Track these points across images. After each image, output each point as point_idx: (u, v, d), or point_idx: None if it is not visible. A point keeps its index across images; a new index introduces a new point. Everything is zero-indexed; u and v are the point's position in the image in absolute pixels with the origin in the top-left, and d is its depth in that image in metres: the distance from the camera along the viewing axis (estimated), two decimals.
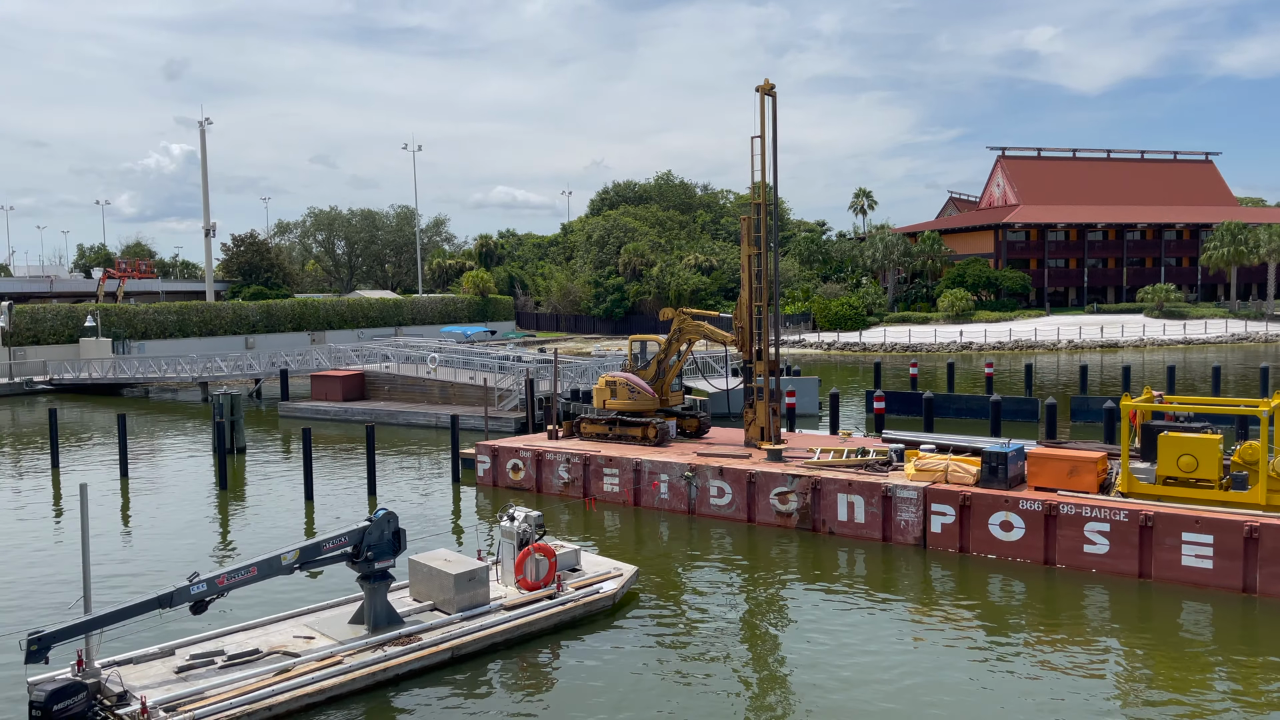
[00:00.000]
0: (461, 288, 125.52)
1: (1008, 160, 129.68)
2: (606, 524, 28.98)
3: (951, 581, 22.92)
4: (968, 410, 45.18)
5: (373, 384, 57.51)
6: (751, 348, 32.06)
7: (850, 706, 16.30)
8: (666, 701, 16.66)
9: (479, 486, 34.22)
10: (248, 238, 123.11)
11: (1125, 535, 22.37)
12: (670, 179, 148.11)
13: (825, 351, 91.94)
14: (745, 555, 25.46)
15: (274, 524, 29.72)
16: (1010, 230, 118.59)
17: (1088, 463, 23.77)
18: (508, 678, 17.85)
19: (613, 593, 20.97)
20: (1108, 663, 18.05)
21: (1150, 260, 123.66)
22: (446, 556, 20.69)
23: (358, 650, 17.81)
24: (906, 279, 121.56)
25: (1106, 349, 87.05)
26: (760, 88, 31.30)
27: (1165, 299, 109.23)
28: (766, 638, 19.80)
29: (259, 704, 15.86)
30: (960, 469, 25.23)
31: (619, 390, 33.75)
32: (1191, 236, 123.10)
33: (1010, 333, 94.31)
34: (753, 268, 31.89)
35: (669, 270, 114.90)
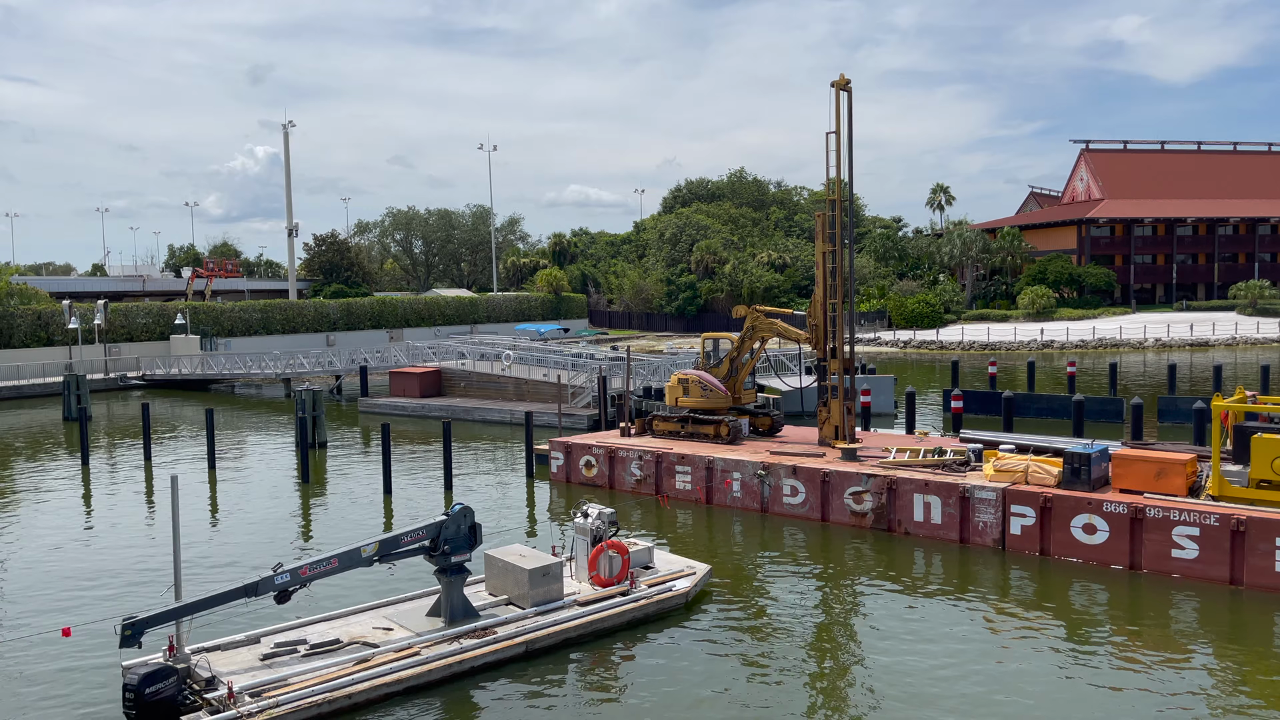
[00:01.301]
0: (535, 286, 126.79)
1: (1092, 153, 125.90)
2: (679, 522, 29.01)
3: (1031, 585, 22.39)
4: (1049, 410, 44.01)
5: (449, 381, 58.46)
6: (826, 345, 31.74)
7: (926, 711, 16.04)
8: (740, 700, 16.63)
9: (552, 482, 34.56)
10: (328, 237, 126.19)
11: (1216, 540, 21.58)
12: (743, 176, 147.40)
13: (901, 350, 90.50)
14: (819, 555, 25.24)
15: (353, 517, 30.45)
16: (1094, 225, 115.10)
17: (1176, 465, 22.99)
18: (581, 673, 18.01)
19: (686, 591, 20.99)
20: (1196, 672, 17.44)
21: (1243, 256, 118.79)
22: (521, 552, 20.95)
23: (434, 642, 18.15)
24: (985, 276, 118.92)
25: (1196, 348, 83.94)
26: (835, 83, 30.95)
27: (1259, 296, 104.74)
28: (841, 638, 19.61)
29: (339, 692, 16.29)
30: (1041, 470, 24.63)
31: (691, 388, 33.74)
32: None
33: (1094, 331, 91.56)
34: (827, 264, 31.57)
35: (741, 267, 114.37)
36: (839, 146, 31.00)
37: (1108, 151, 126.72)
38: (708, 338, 36.50)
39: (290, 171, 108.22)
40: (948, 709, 16.07)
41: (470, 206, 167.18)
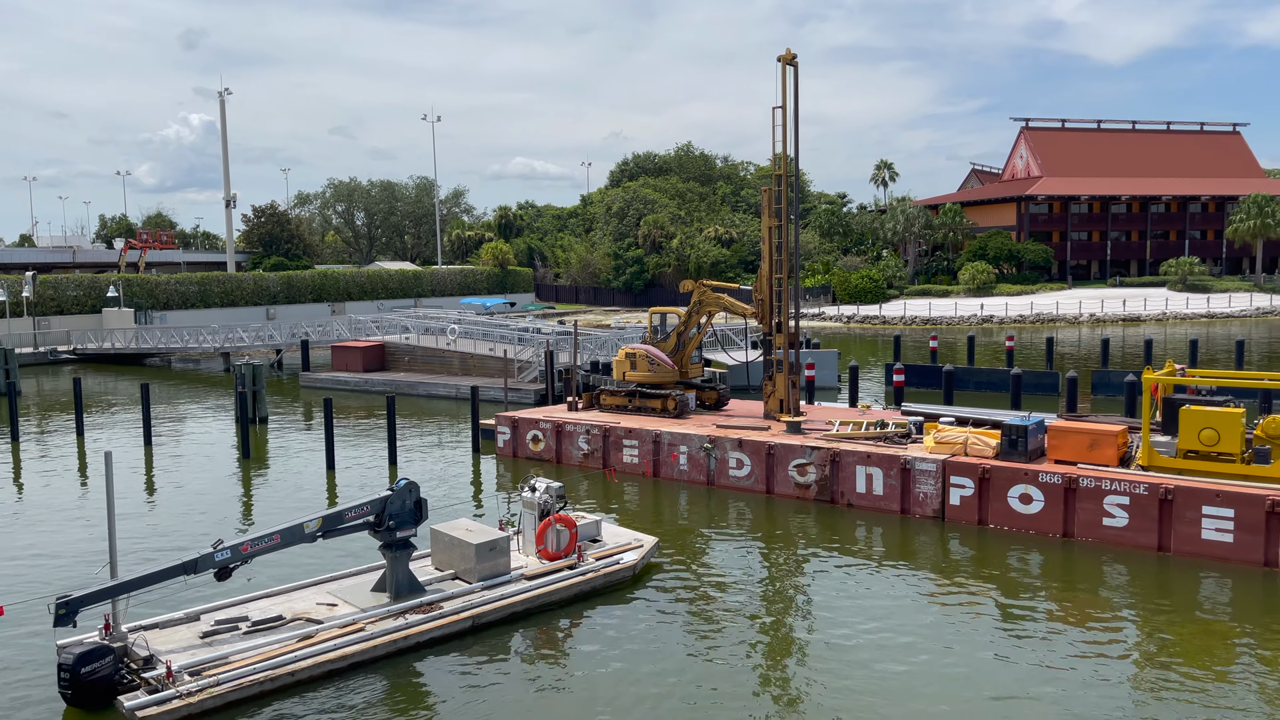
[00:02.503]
0: (480, 259, 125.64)
1: (1031, 131, 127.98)
2: (626, 495, 29.13)
3: (970, 554, 22.94)
4: (988, 384, 44.97)
5: (393, 355, 57.81)
6: (771, 320, 31.98)
7: (868, 678, 16.39)
8: (686, 671, 16.81)
9: (499, 457, 34.44)
10: (268, 209, 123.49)
11: (1145, 509, 22.29)
12: (690, 150, 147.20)
13: (845, 324, 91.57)
14: (764, 527, 25.55)
15: (296, 493, 30.05)
16: (1033, 202, 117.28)
17: (1108, 436, 23.66)
18: (528, 647, 18.05)
19: (633, 564, 21.11)
20: (1125, 635, 18.06)
21: (1174, 233, 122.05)
22: (468, 526, 20.87)
23: (380, 618, 18.04)
24: (927, 252, 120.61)
25: (1129, 322, 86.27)
26: (782, 58, 30.99)
27: (1189, 272, 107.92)
28: (785, 609, 19.90)
29: (282, 669, 16.12)
30: (979, 442, 25.17)
31: (639, 362, 33.79)
32: (1217, 209, 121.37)
33: (1032, 306, 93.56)
34: (773, 240, 31.75)
35: (689, 242, 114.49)
36: (785, 122, 31.10)
37: (1047, 130, 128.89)
38: (655, 312, 36.54)
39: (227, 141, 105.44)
40: (890, 676, 16.43)
41: (414, 178, 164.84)
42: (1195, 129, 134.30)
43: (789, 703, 15.73)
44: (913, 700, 15.59)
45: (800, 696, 15.90)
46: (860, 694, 15.80)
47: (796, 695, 15.96)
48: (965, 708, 15.35)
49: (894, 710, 15.29)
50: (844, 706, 15.41)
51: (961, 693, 15.81)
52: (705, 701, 15.72)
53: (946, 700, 15.58)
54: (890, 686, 16.06)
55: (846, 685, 16.12)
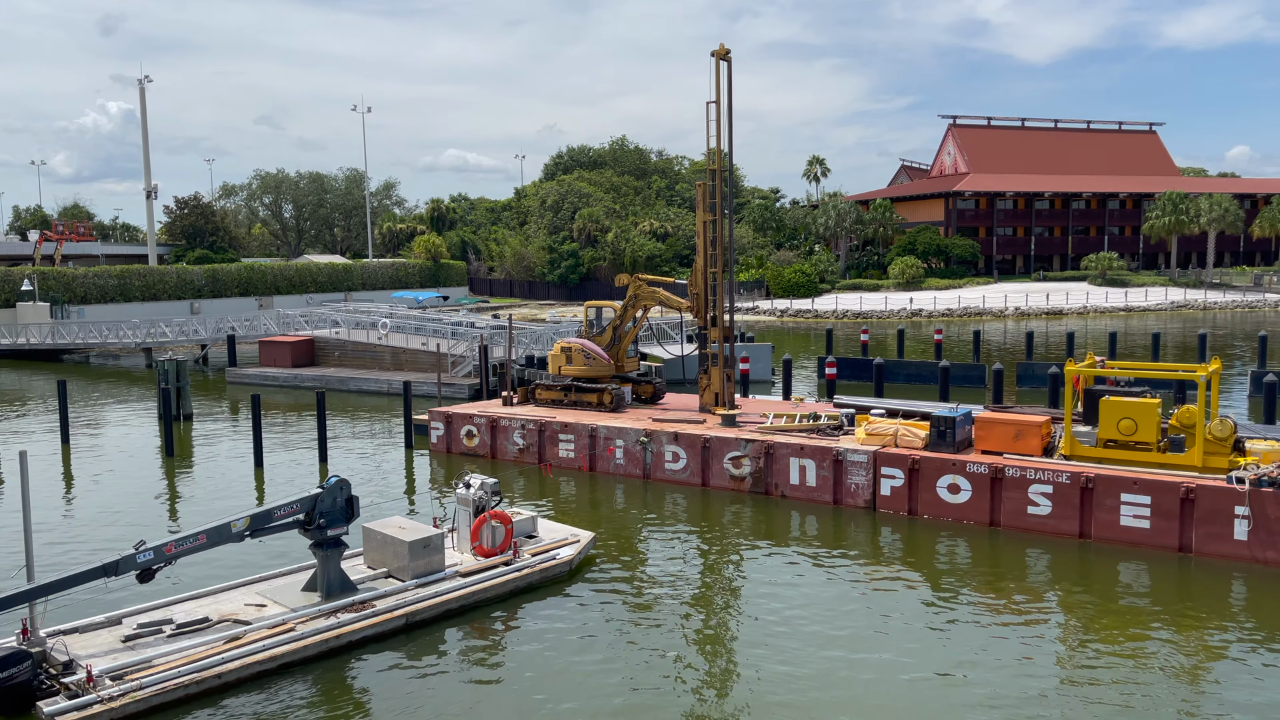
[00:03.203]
0: (413, 253, 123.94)
1: (958, 129, 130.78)
2: (562, 490, 29.04)
3: (900, 543, 23.37)
4: (917, 376, 45.88)
5: (322, 350, 56.76)
6: (706, 314, 32.15)
7: (804, 666, 16.60)
8: (622, 665, 16.83)
9: (432, 453, 34.05)
10: (191, 200, 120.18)
11: (1067, 497, 22.95)
12: (625, 144, 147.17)
13: (779, 318, 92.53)
14: (699, 519, 25.70)
15: (223, 491, 29.32)
16: (960, 198, 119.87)
17: (1032, 427, 24.29)
18: (462, 644, 17.90)
19: (569, 559, 21.06)
20: (1049, 621, 18.58)
21: (1095, 229, 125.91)
22: (401, 524, 20.60)
23: (310, 618, 17.71)
24: (858, 246, 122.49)
25: (1052, 316, 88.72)
26: (715, 53, 31.12)
27: (1108, 267, 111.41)
28: (720, 601, 20.05)
29: (208, 672, 15.73)
30: (909, 433, 25.64)
31: (574, 356, 33.69)
32: (1134, 206, 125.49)
33: (959, 300, 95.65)
34: (708, 234, 31.90)
35: (624, 236, 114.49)
36: (719, 116, 31.25)
37: (973, 127, 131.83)
38: (590, 306, 36.47)
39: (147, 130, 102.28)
40: (825, 664, 16.66)
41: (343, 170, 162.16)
42: (1114, 128, 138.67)
43: (726, 693, 15.85)
44: (846, 687, 15.83)
45: (737, 686, 16.04)
46: (796, 682, 15.99)
47: (733, 685, 16.10)
48: (897, 693, 15.65)
49: (828, 697, 15.51)
50: (780, 695, 15.58)
51: (893, 678, 16.11)
52: (642, 694, 15.76)
53: (879, 686, 15.86)
54: (825, 674, 16.28)
55: (782, 674, 16.30)
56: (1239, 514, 21.00)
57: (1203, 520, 21.44)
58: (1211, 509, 21.32)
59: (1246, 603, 19.39)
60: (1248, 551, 20.96)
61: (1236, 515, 21.04)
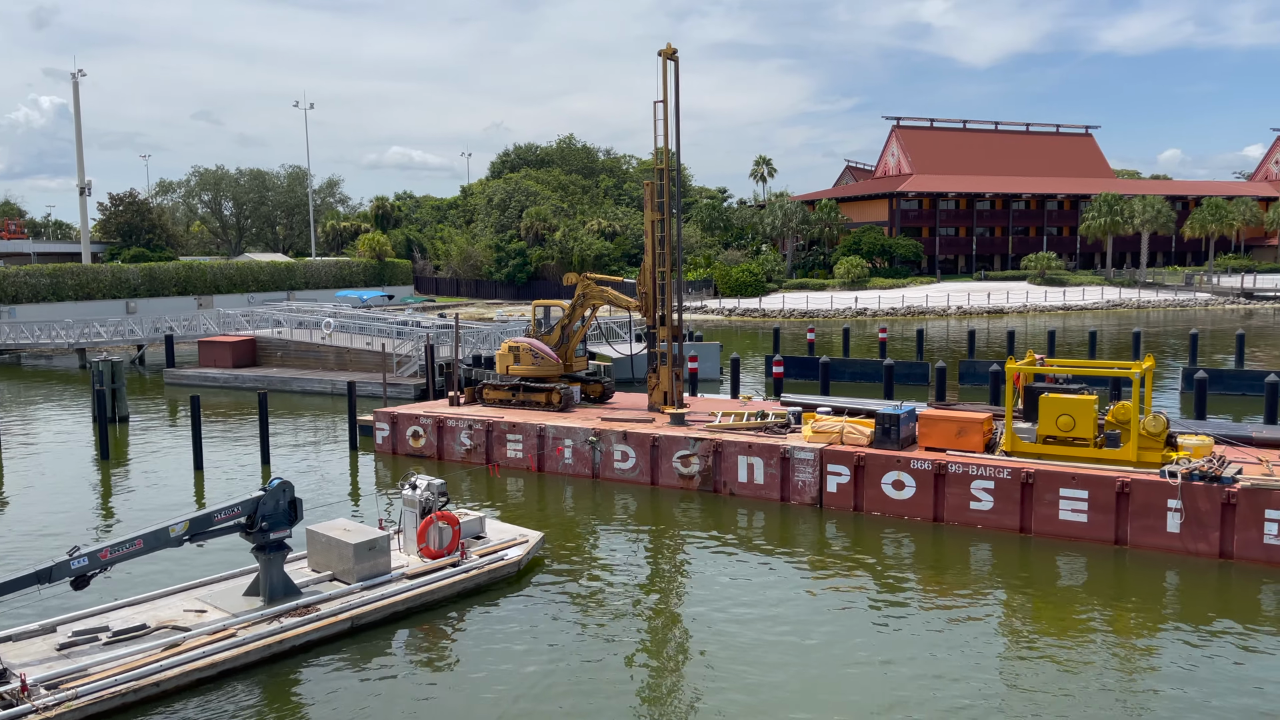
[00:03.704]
0: (357, 251, 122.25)
1: (902, 130, 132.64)
2: (510, 490, 28.88)
3: (846, 539, 23.64)
4: (862, 374, 46.48)
5: (264, 350, 55.75)
6: (655, 313, 32.20)
7: (752, 663, 16.70)
8: (571, 665, 16.79)
9: (378, 454, 33.64)
10: (127, 197, 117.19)
11: (1008, 492, 23.41)
12: (573, 143, 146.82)
13: (726, 317, 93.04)
14: (648, 518, 25.74)
15: (161, 495, 28.65)
16: (904, 199, 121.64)
17: (974, 424, 24.74)
18: (409, 647, 17.71)
19: (518, 559, 20.94)
20: (991, 613, 18.94)
21: (1034, 229, 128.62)
22: (345, 526, 20.31)
23: (252, 623, 17.38)
24: (804, 246, 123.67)
25: (993, 315, 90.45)
26: (663, 52, 31.18)
27: (1047, 267, 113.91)
28: (669, 599, 20.10)
29: (146, 680, 15.36)
30: (855, 431, 25.95)
31: (522, 356, 33.52)
32: (1072, 207, 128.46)
33: (903, 299, 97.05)
34: (656, 233, 31.95)
35: (572, 235, 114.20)
36: (666, 116, 31.32)
37: (916, 129, 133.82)
38: (538, 305, 36.31)
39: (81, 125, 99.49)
40: (774, 664, 16.78)
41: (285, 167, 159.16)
42: (1052, 130, 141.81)
43: (676, 691, 15.89)
44: (795, 682, 15.96)
45: (686, 684, 16.08)
46: (744, 679, 16.08)
47: (683, 683, 16.14)
48: (845, 687, 15.81)
49: (777, 691, 15.62)
50: (728, 693, 15.66)
51: (840, 672, 16.28)
52: (592, 694, 15.73)
53: (827, 680, 16.01)
54: (774, 670, 16.40)
55: (732, 670, 16.38)
56: (1172, 507, 21.60)
57: (1137, 514, 22.01)
58: (1145, 503, 21.91)
59: (1178, 594, 19.95)
60: (1180, 543, 21.56)
61: (1169, 508, 21.64)
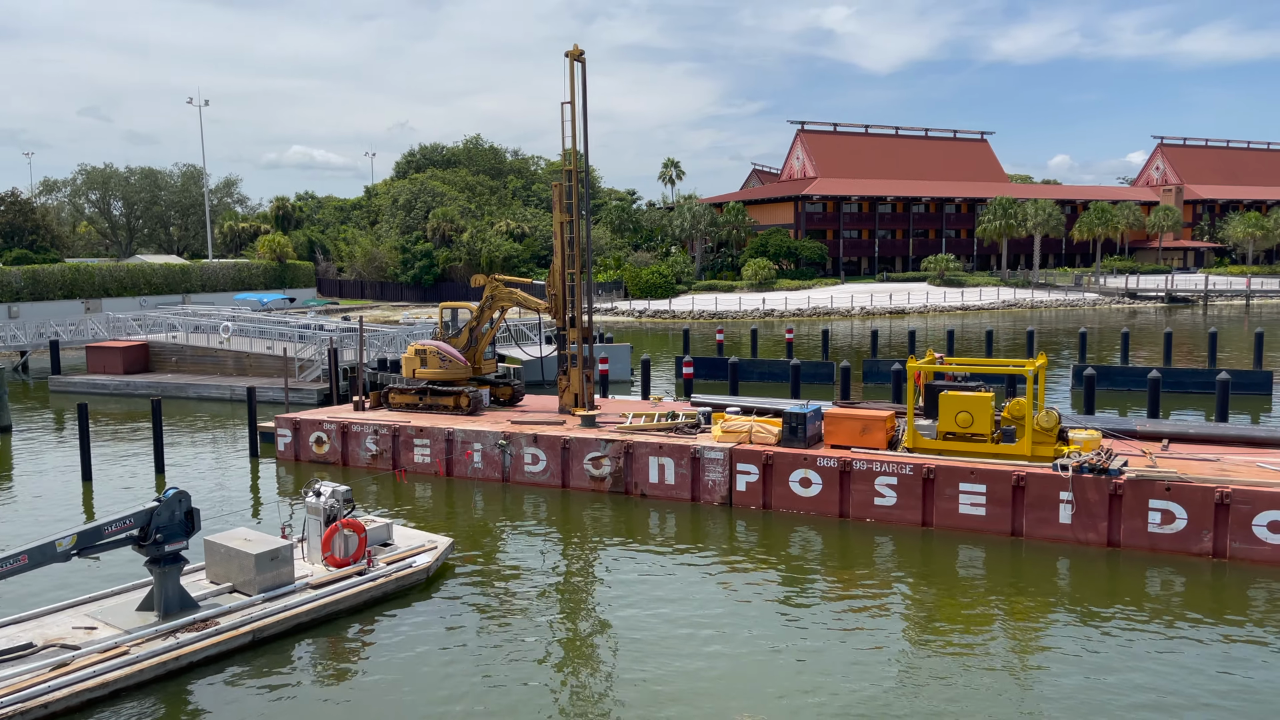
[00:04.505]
0: (256, 253, 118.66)
1: (806, 134, 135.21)
2: (418, 496, 28.40)
3: (755, 537, 23.94)
4: (770, 374, 47.20)
5: (158, 355, 53.67)
6: (565, 315, 32.09)
7: (661, 663, 16.76)
8: (481, 671, 16.58)
9: (279, 461, 32.70)
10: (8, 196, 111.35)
11: (910, 487, 24.05)
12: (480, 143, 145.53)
13: (637, 319, 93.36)
14: (560, 521, 25.62)
15: (48, 508, 27.28)
16: (809, 202, 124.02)
17: (877, 421, 25.34)
18: (313, 658, 17.24)
19: (426, 566, 20.61)
20: (894, 607, 19.41)
21: (933, 232, 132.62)
22: (246, 536, 19.67)
23: (146, 639, 16.69)
24: (713, 248, 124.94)
25: (895, 315, 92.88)
26: (569, 54, 31.11)
27: (946, 268, 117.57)
28: (581, 602, 20.03)
29: (34, 702, 14.60)
30: (763, 430, 26.31)
31: (429, 359, 33.02)
32: (969, 210, 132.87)
33: (809, 300, 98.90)
34: (565, 235, 31.85)
35: (480, 236, 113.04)
36: (574, 117, 31.26)
37: (820, 133, 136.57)
38: (446, 307, 35.83)
39: None
40: (685, 659, 16.87)
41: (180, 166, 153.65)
42: (949, 136, 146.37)
43: (588, 693, 15.84)
44: (706, 680, 16.07)
45: (598, 686, 16.05)
46: (656, 675, 16.13)
47: (595, 685, 16.10)
48: (755, 684, 15.99)
49: (689, 690, 15.70)
50: (641, 688, 15.68)
51: (751, 670, 16.45)
52: (504, 700, 15.56)
53: (737, 675, 16.16)
54: (685, 666, 16.49)
55: (643, 671, 16.41)
56: (1063, 499, 22.50)
57: (1032, 506, 22.86)
58: (1039, 495, 22.76)
59: (1070, 582, 20.79)
60: (1071, 534, 22.47)
61: (1061, 500, 22.53)
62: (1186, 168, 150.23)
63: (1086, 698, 15.28)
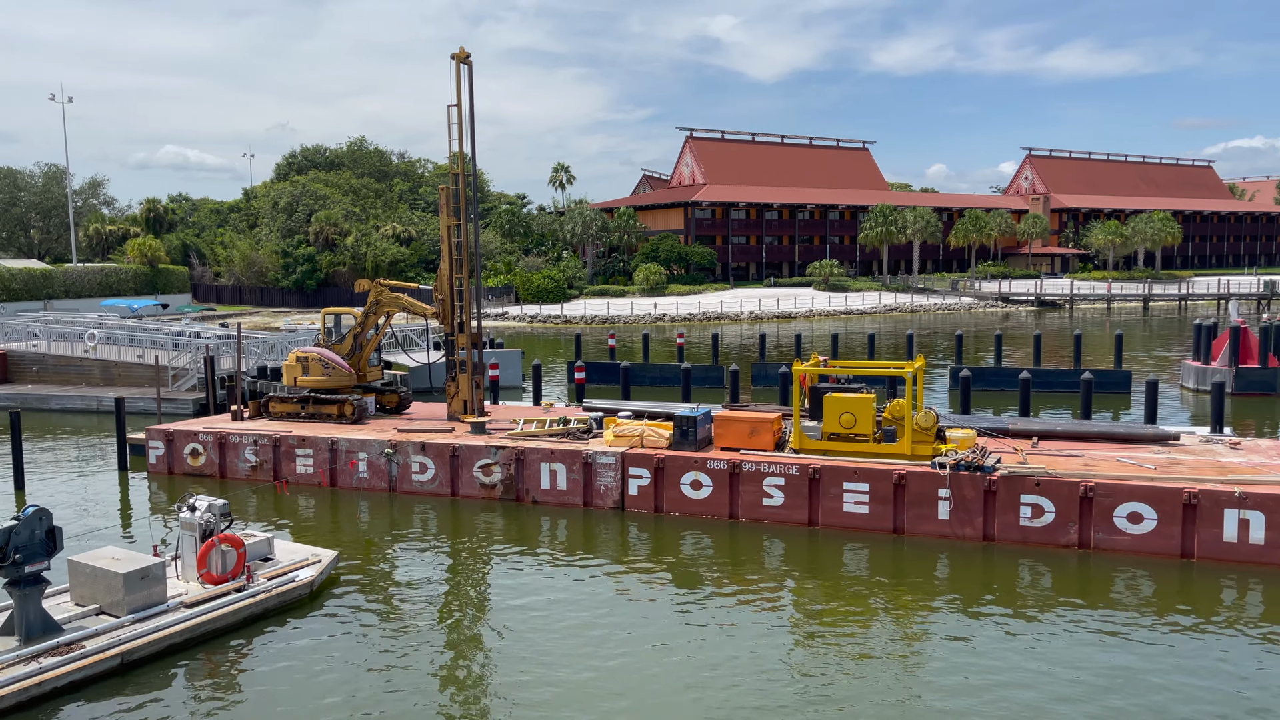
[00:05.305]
0: (126, 257, 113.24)
1: (695, 141, 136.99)
2: (301, 508, 27.53)
3: (648, 541, 24.05)
4: (661, 378, 47.57)
5: (17, 365, 50.62)
6: (453, 320, 31.64)
7: (552, 671, 16.65)
8: (369, 688, 16.15)
9: (151, 475, 31.23)
10: None
11: (797, 488, 24.57)
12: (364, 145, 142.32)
13: (528, 324, 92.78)
14: (449, 530, 25.21)
15: None
16: (698, 208, 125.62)
17: (765, 423, 25.81)
18: (188, 680, 16.49)
19: (310, 580, 19.97)
20: (782, 606, 19.78)
21: (818, 238, 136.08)
22: (114, 554, 18.70)
23: (5, 665, 15.68)
24: (604, 253, 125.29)
25: (782, 319, 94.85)
26: (455, 56, 30.73)
27: (830, 274, 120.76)
28: (472, 612, 19.75)
29: None
30: (655, 434, 26.48)
31: (312, 366, 32.07)
32: (851, 217, 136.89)
33: (699, 305, 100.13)
34: (452, 239, 31.41)
35: (365, 240, 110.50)
36: (461, 120, 30.87)
37: (709, 140, 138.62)
38: (329, 313, 34.89)
39: None
40: (578, 664, 16.80)
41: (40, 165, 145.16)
42: (833, 145, 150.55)
43: (479, 705, 15.60)
44: (600, 685, 16.04)
45: (490, 698, 15.83)
46: (548, 680, 16.01)
47: (487, 697, 15.87)
48: (648, 682, 16.04)
49: (581, 691, 15.64)
50: (530, 700, 15.53)
51: (643, 668, 16.50)
52: (394, 711, 15.18)
53: (630, 677, 16.18)
54: (577, 670, 16.42)
55: (536, 679, 16.27)
56: (942, 496, 23.35)
57: (912, 503, 23.64)
58: (919, 493, 23.56)
59: (949, 576, 21.56)
60: (949, 529, 23.33)
61: (940, 497, 23.37)
62: (1053, 178, 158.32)
63: (966, 686, 15.87)
